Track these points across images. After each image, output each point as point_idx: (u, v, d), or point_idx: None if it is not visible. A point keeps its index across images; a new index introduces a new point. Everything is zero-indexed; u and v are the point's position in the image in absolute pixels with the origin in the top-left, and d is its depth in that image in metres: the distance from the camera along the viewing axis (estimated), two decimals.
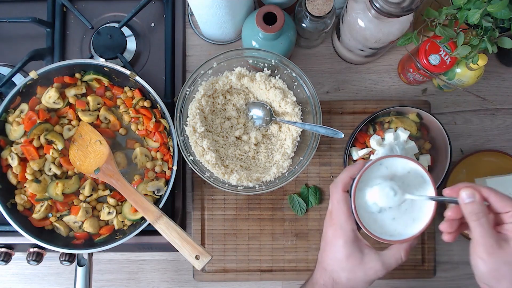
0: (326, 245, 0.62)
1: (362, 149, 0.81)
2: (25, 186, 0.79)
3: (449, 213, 0.57)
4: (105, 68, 0.80)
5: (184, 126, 0.78)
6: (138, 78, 0.79)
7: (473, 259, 0.54)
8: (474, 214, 0.53)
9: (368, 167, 0.60)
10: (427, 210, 0.60)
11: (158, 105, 0.80)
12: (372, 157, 0.79)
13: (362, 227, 0.59)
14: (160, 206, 0.77)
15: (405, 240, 0.59)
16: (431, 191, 0.60)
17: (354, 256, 0.59)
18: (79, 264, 0.78)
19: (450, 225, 0.57)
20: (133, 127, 0.83)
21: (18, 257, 0.87)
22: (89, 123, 0.82)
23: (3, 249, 0.83)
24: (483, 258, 0.53)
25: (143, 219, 0.77)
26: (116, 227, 0.80)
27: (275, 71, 0.80)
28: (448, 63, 0.76)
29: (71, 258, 0.81)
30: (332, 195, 0.62)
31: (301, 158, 0.78)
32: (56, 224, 0.79)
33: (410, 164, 0.60)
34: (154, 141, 0.82)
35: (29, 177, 0.78)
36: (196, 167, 0.76)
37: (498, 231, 0.54)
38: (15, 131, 0.79)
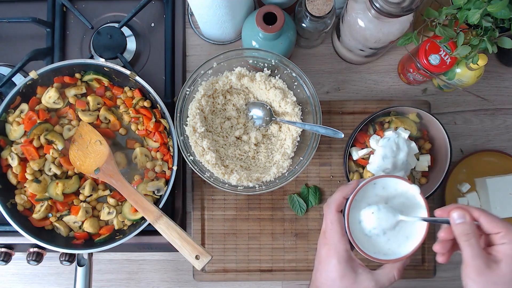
0: (319, 265, 0.62)
1: (362, 149, 0.81)
2: (25, 186, 0.79)
3: (442, 234, 0.58)
4: (105, 68, 0.80)
5: (184, 126, 0.78)
6: (138, 78, 0.79)
7: (464, 280, 0.55)
8: (464, 234, 0.54)
9: (361, 187, 0.60)
10: (420, 229, 0.61)
11: (158, 105, 0.80)
12: (372, 157, 0.79)
13: (355, 247, 0.60)
14: (160, 206, 0.77)
15: (398, 259, 0.60)
16: (423, 212, 0.61)
17: (347, 276, 0.59)
18: (79, 264, 0.78)
19: (443, 246, 0.58)
20: (133, 127, 0.83)
21: (18, 257, 0.87)
22: (89, 123, 0.82)
23: (3, 249, 0.83)
24: (473, 279, 0.53)
25: (143, 219, 0.77)
26: (116, 227, 0.80)
27: (275, 71, 0.80)
28: (448, 63, 0.76)
29: (71, 258, 0.81)
30: (325, 215, 0.63)
31: (301, 158, 0.78)
32: (56, 224, 0.79)
33: (403, 184, 0.61)
34: (154, 141, 0.82)
35: (29, 177, 0.78)
36: (196, 167, 0.76)
37: (488, 252, 0.55)
38: (15, 131, 0.79)
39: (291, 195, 0.87)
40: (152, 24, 0.91)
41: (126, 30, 0.89)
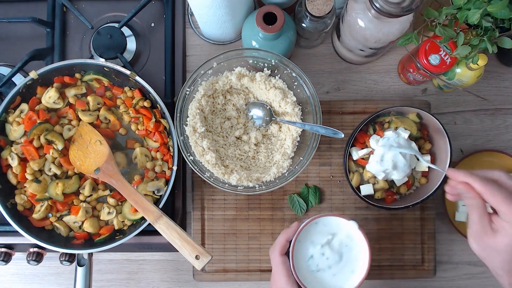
0: None
1: (362, 149, 0.81)
2: (25, 186, 0.79)
3: (447, 188, 0.65)
4: (105, 68, 0.80)
5: (184, 126, 0.78)
6: (138, 78, 0.79)
7: (468, 238, 0.62)
8: (470, 204, 0.61)
9: (302, 228, 0.65)
10: (363, 261, 0.65)
11: (158, 105, 0.80)
12: (372, 157, 0.79)
13: (302, 286, 0.63)
14: (160, 206, 0.77)
15: None
16: (364, 246, 0.65)
17: None
18: (79, 264, 0.78)
19: (452, 188, 0.65)
20: (133, 127, 0.83)
21: (18, 257, 0.87)
22: (89, 123, 0.82)
23: (3, 249, 0.83)
24: (474, 240, 0.61)
25: (143, 219, 0.77)
26: (116, 227, 0.80)
27: (275, 71, 0.80)
28: (448, 63, 0.76)
29: (71, 258, 0.81)
30: (271, 259, 0.67)
31: (301, 158, 0.78)
32: (56, 224, 0.79)
33: (342, 221, 0.65)
34: (154, 141, 0.82)
35: (29, 177, 0.78)
36: (196, 167, 0.76)
37: (492, 220, 0.61)
38: (15, 131, 0.79)
39: (291, 195, 0.87)
40: (152, 24, 0.91)
41: (126, 30, 0.89)
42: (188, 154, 0.77)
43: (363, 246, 0.65)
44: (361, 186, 0.81)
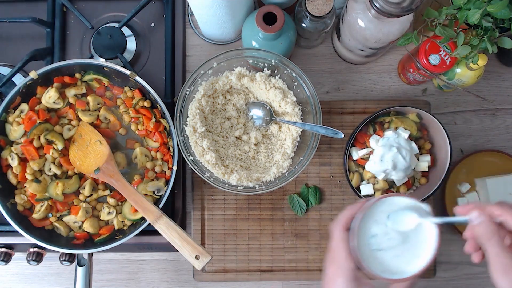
0: (326, 284, 0.61)
1: (362, 149, 0.81)
2: (25, 186, 0.79)
3: (467, 233, 0.57)
4: (105, 68, 0.80)
5: (184, 126, 0.78)
6: (138, 78, 0.79)
7: (493, 279, 0.53)
8: (485, 234, 0.54)
9: (369, 206, 0.59)
10: (430, 246, 0.59)
11: (158, 105, 0.80)
12: (372, 157, 0.79)
13: (362, 266, 0.58)
14: (160, 206, 0.77)
15: (405, 279, 0.59)
16: (433, 234, 0.59)
17: None
18: (79, 264, 0.78)
19: (473, 246, 0.58)
20: (133, 127, 0.83)
21: (18, 257, 0.87)
22: (89, 123, 0.82)
23: (3, 249, 0.83)
24: (500, 278, 0.52)
25: (143, 219, 0.77)
26: (116, 227, 0.80)
27: (275, 71, 0.80)
28: (448, 63, 0.76)
29: (71, 258, 0.81)
30: (333, 234, 0.62)
31: (301, 158, 0.78)
32: (56, 224, 0.79)
33: (412, 202, 0.60)
34: (154, 141, 0.82)
35: (29, 177, 0.78)
36: (196, 167, 0.76)
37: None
38: (15, 131, 0.79)
39: (291, 195, 0.87)
40: (152, 24, 0.91)
41: (126, 30, 0.89)
42: (188, 154, 0.77)
43: (432, 232, 0.59)
44: (361, 186, 0.81)
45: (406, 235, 0.60)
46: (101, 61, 0.80)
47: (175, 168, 0.79)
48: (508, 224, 0.54)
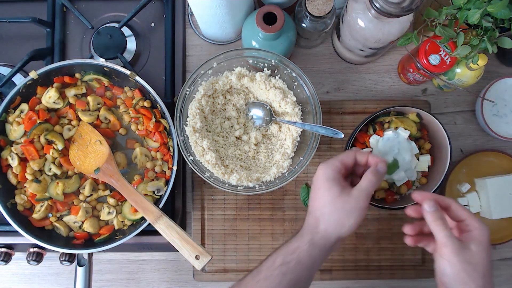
0: (315, 193, 0.65)
1: (362, 149, 0.81)
2: (25, 186, 0.79)
3: (409, 211, 0.65)
4: (105, 68, 0.80)
5: (184, 126, 0.78)
6: (138, 78, 0.79)
7: (440, 263, 0.60)
8: (436, 219, 0.60)
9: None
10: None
11: (158, 105, 0.80)
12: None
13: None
14: (160, 206, 0.77)
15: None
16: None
17: (342, 194, 0.62)
18: (79, 264, 0.78)
19: (412, 228, 0.66)
20: (133, 127, 0.83)
21: (18, 257, 0.87)
22: (89, 123, 0.82)
23: (3, 249, 0.83)
24: (450, 260, 0.58)
25: (143, 219, 0.77)
26: (116, 227, 0.80)
27: (275, 71, 0.80)
28: (448, 63, 0.76)
29: (71, 258, 0.81)
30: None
31: (301, 158, 0.78)
32: (56, 224, 0.79)
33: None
34: (154, 141, 0.82)
35: (29, 177, 0.78)
36: (196, 167, 0.76)
37: (459, 239, 0.60)
38: (15, 131, 0.79)
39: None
40: (152, 24, 0.91)
41: (126, 30, 0.89)
42: (188, 154, 0.77)
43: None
44: None
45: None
46: (101, 61, 0.80)
47: (175, 168, 0.79)
48: (457, 213, 0.62)
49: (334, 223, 0.62)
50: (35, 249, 0.83)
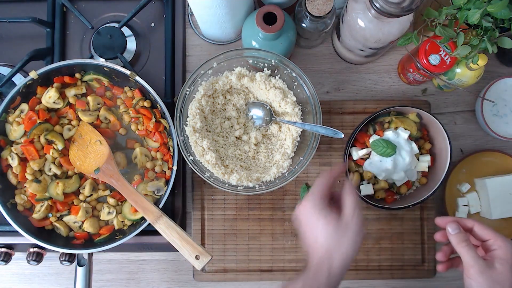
0: (305, 229, 0.64)
1: (362, 149, 0.81)
2: (25, 186, 0.79)
3: (437, 236, 0.67)
4: (105, 68, 0.80)
5: (184, 126, 0.78)
6: (138, 78, 0.79)
7: (467, 283, 0.61)
8: (461, 241, 0.62)
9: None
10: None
11: (158, 105, 0.80)
12: (372, 157, 0.79)
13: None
14: (160, 206, 0.77)
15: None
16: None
17: (333, 224, 0.61)
18: (79, 264, 0.78)
19: (444, 255, 0.67)
20: (133, 127, 0.83)
21: (18, 257, 0.87)
22: (89, 123, 0.82)
23: (3, 249, 0.83)
24: (476, 279, 0.60)
25: (143, 219, 0.77)
26: (116, 227, 0.80)
27: (275, 71, 0.80)
28: (448, 63, 0.76)
29: (71, 258, 0.81)
30: (300, 213, 0.64)
31: (301, 158, 0.78)
32: (56, 224, 0.79)
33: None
34: (154, 141, 0.82)
35: (29, 177, 0.78)
36: (196, 167, 0.76)
37: (484, 258, 0.62)
38: (15, 131, 0.79)
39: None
40: (152, 24, 0.91)
41: (126, 30, 0.89)
42: (188, 154, 0.77)
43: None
44: (361, 186, 0.81)
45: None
46: (101, 61, 0.80)
47: (175, 168, 0.79)
48: (480, 233, 0.64)
49: (343, 257, 0.60)
50: (35, 249, 0.83)
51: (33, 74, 0.77)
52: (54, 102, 0.80)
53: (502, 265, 0.60)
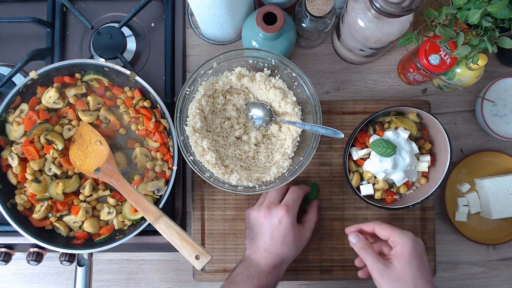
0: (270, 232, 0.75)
1: (362, 149, 0.81)
2: (25, 186, 0.79)
3: (356, 261, 0.75)
4: (105, 68, 0.80)
5: (184, 126, 0.78)
6: (138, 78, 0.79)
7: (374, 280, 0.65)
8: (361, 248, 0.67)
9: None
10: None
11: (158, 105, 0.80)
12: (372, 157, 0.79)
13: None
14: (160, 206, 0.77)
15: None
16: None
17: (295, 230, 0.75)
18: (79, 264, 0.78)
19: (360, 261, 0.72)
20: (133, 127, 0.83)
21: (18, 257, 0.87)
22: (89, 123, 0.82)
23: (3, 249, 0.83)
24: (379, 282, 0.63)
25: (143, 219, 0.77)
26: (116, 227, 0.80)
27: (275, 71, 0.80)
28: (448, 63, 0.76)
29: (71, 258, 0.81)
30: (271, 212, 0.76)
31: (301, 158, 0.78)
32: (56, 224, 0.79)
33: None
34: (154, 141, 0.82)
35: (29, 177, 0.78)
36: (196, 167, 0.76)
37: (386, 258, 0.66)
38: (15, 131, 0.79)
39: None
40: (152, 24, 0.91)
41: (126, 30, 0.89)
42: (188, 154, 0.77)
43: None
44: (361, 186, 0.81)
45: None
46: (101, 61, 0.80)
47: (175, 168, 0.79)
48: (380, 234, 0.68)
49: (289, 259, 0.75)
50: (35, 249, 0.83)
51: (33, 74, 0.77)
52: (54, 102, 0.80)
53: (399, 262, 0.62)
